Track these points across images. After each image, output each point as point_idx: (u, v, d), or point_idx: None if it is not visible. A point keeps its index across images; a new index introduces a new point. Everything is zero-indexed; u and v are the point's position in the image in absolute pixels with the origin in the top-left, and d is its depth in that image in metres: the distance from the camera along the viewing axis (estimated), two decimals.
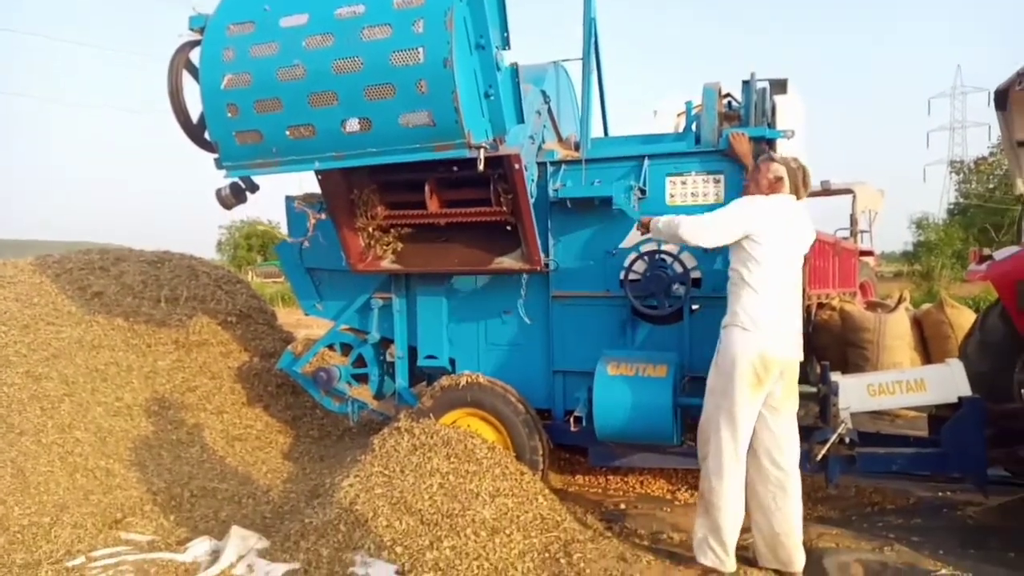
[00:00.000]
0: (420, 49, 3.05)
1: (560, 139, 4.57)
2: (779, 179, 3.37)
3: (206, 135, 3.56)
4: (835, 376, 4.06)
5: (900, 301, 6.97)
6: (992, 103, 4.46)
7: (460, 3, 3.06)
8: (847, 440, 3.80)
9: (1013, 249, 4.32)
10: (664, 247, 4.01)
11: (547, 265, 4.16)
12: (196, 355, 5.28)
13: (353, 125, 3.25)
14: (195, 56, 3.51)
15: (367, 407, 4.72)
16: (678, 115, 4.99)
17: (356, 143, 3.27)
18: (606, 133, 4.98)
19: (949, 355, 5.45)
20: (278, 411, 5.39)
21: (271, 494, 4.35)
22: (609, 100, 4.92)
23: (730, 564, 3.30)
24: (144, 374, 4.96)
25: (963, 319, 6.57)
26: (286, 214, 4.67)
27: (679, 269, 3.96)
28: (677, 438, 3.81)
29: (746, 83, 4.13)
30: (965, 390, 3.93)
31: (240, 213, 48.69)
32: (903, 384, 4.06)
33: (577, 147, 4.29)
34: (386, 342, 4.72)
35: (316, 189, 4.05)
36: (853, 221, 10.80)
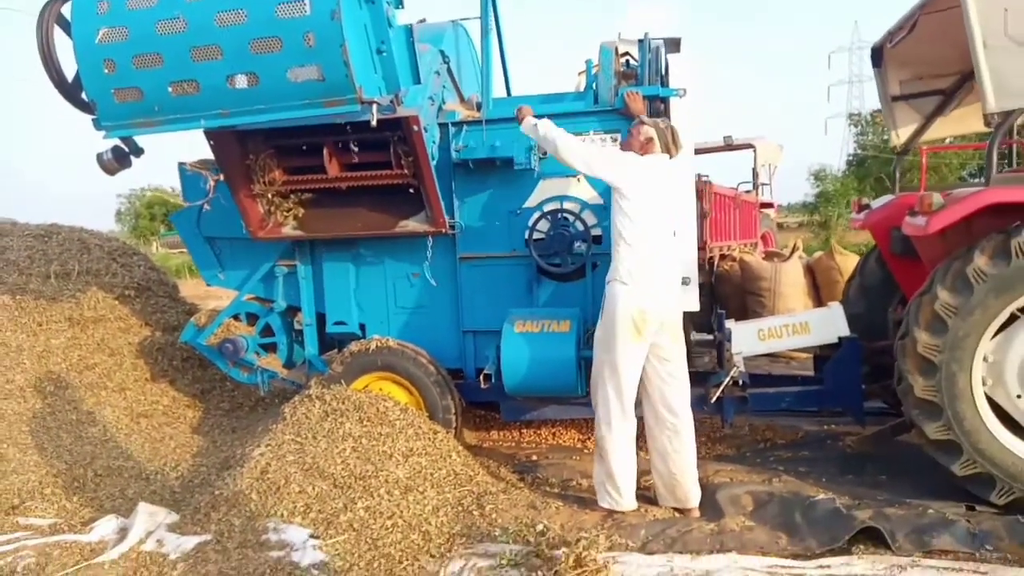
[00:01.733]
0: (306, 1, 2.97)
1: (462, 100, 4.56)
2: (650, 140, 3.53)
3: (83, 95, 3.37)
4: (729, 323, 4.30)
5: (794, 250, 7.39)
6: (871, 60, 4.71)
7: None
8: (740, 382, 4.05)
9: (889, 198, 4.63)
10: (566, 206, 4.11)
11: (452, 227, 4.18)
12: (93, 332, 5.05)
13: (240, 81, 3.14)
14: (67, 10, 3.30)
15: (277, 376, 4.67)
16: (579, 73, 5.04)
17: (243, 99, 3.17)
18: (508, 93, 4.99)
19: (839, 299, 5.84)
20: (185, 385, 5.25)
21: (180, 469, 4.27)
22: (511, 58, 4.94)
23: (626, 503, 3.51)
24: (36, 354, 4.72)
25: (851, 265, 7.01)
26: (180, 181, 4.50)
27: (581, 227, 4.07)
28: (582, 389, 3.96)
29: (641, 42, 4.22)
30: (844, 331, 4.25)
31: (141, 181, 46.13)
32: (790, 327, 4.34)
33: (479, 107, 4.30)
34: (293, 310, 4.67)
35: (210, 155, 3.92)
36: (755, 174, 11.26)
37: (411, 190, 3.99)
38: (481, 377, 4.04)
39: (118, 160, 3.54)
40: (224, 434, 4.86)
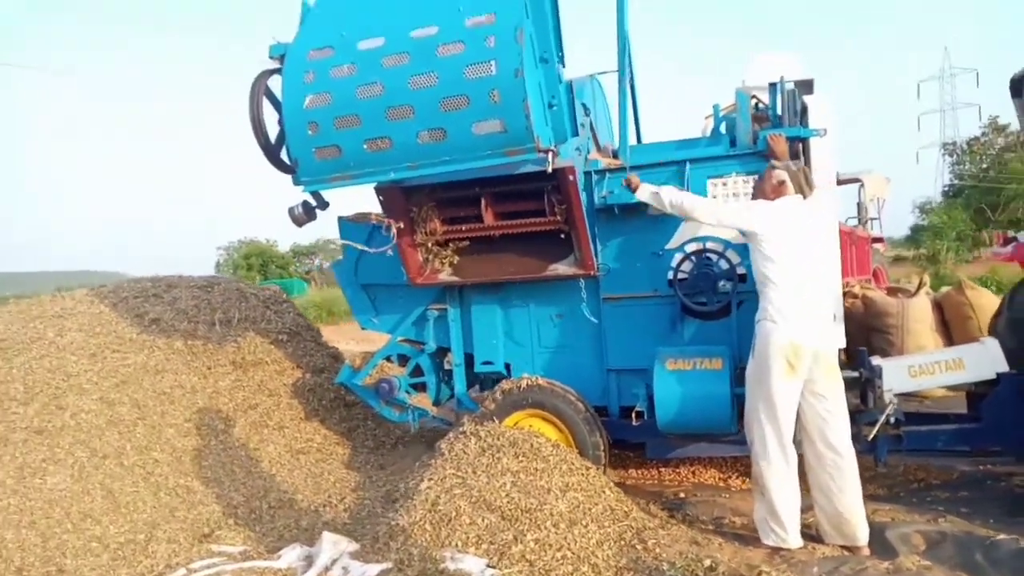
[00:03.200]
0: (492, 62, 3.30)
1: (598, 148, 4.78)
2: (782, 183, 3.62)
3: (282, 155, 3.77)
4: (876, 360, 4.26)
5: (921, 285, 7.18)
6: (1009, 91, 4.64)
7: (527, 20, 3.29)
8: (894, 420, 4.00)
9: None
10: (709, 246, 4.23)
11: (598, 269, 4.36)
12: (253, 374, 5.47)
13: (426, 136, 3.47)
14: (272, 83, 3.76)
15: (427, 414, 4.91)
16: (705, 118, 5.20)
17: (430, 152, 3.50)
18: (639, 140, 5.19)
19: (970, 335, 5.64)
20: (334, 424, 5.58)
21: (346, 502, 4.53)
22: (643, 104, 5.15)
23: (792, 541, 3.50)
24: (207, 395, 5.15)
25: (983, 300, 6.77)
26: (340, 234, 4.88)
27: (725, 266, 4.17)
28: (735, 426, 4.01)
29: (773, 85, 4.35)
30: (1003, 366, 4.14)
31: (237, 234, 48.86)
32: (942, 364, 4.25)
33: (614, 155, 4.50)
34: (442, 351, 4.92)
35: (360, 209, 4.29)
36: (862, 209, 11.02)
37: (561, 235, 4.21)
38: (633, 415, 4.15)
39: (307, 213, 3.91)
40: (375, 470, 5.12)
